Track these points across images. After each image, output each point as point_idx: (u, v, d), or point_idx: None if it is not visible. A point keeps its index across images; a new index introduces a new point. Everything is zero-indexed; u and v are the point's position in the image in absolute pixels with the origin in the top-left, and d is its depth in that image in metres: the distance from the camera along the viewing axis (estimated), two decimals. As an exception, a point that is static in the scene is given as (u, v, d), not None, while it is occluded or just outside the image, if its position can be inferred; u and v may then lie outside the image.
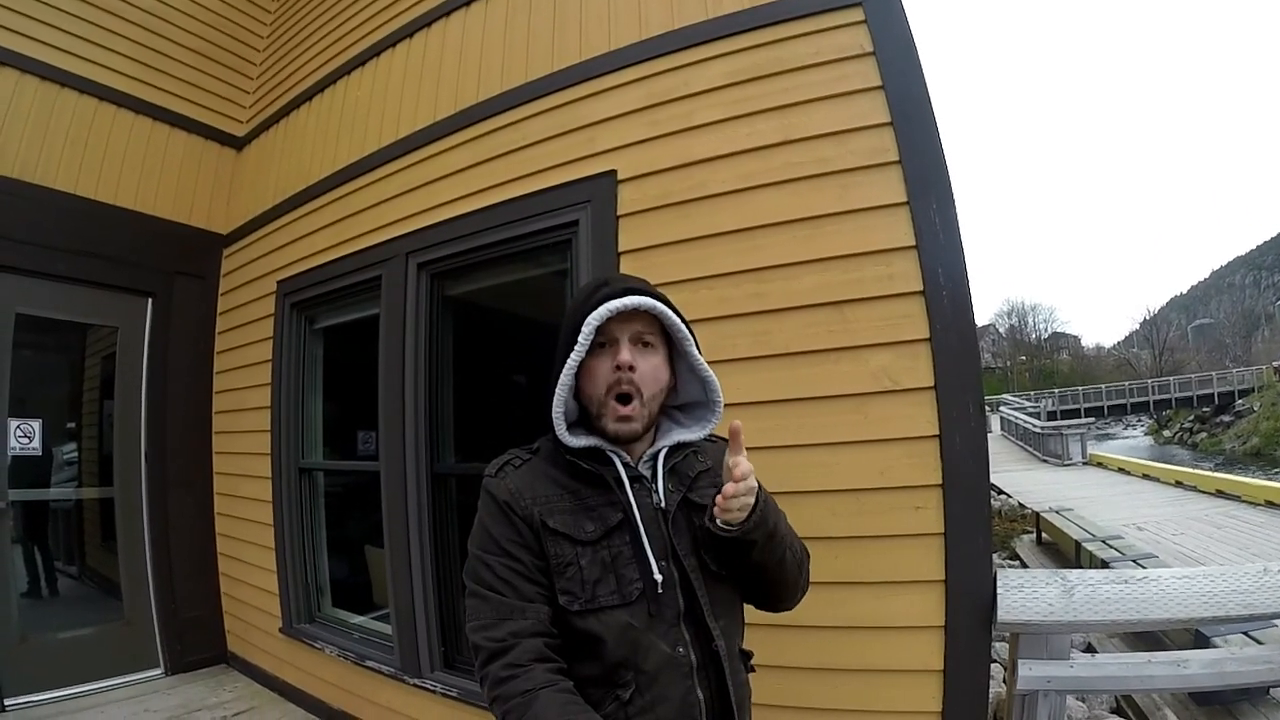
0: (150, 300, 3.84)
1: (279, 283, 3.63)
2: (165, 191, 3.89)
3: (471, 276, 2.88)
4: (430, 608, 2.73)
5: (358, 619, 3.34)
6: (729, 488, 0.96)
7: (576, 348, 1.02)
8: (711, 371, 1.13)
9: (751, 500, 0.99)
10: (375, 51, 3.38)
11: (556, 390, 1.04)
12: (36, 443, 3.40)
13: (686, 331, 1.09)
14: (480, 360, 3.25)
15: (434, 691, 2.63)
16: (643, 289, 1.07)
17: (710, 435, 1.17)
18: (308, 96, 3.76)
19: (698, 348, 1.12)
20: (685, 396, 1.18)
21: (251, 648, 3.72)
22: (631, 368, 1.04)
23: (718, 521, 1.01)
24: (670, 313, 1.07)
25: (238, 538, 3.83)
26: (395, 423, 2.85)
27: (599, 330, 1.03)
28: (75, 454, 3.67)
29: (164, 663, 3.65)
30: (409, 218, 2.94)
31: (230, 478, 3.93)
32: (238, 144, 4.24)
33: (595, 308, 1.02)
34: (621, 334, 1.05)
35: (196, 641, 3.79)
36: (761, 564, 1.06)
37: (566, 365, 1.03)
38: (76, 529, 3.71)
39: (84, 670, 3.36)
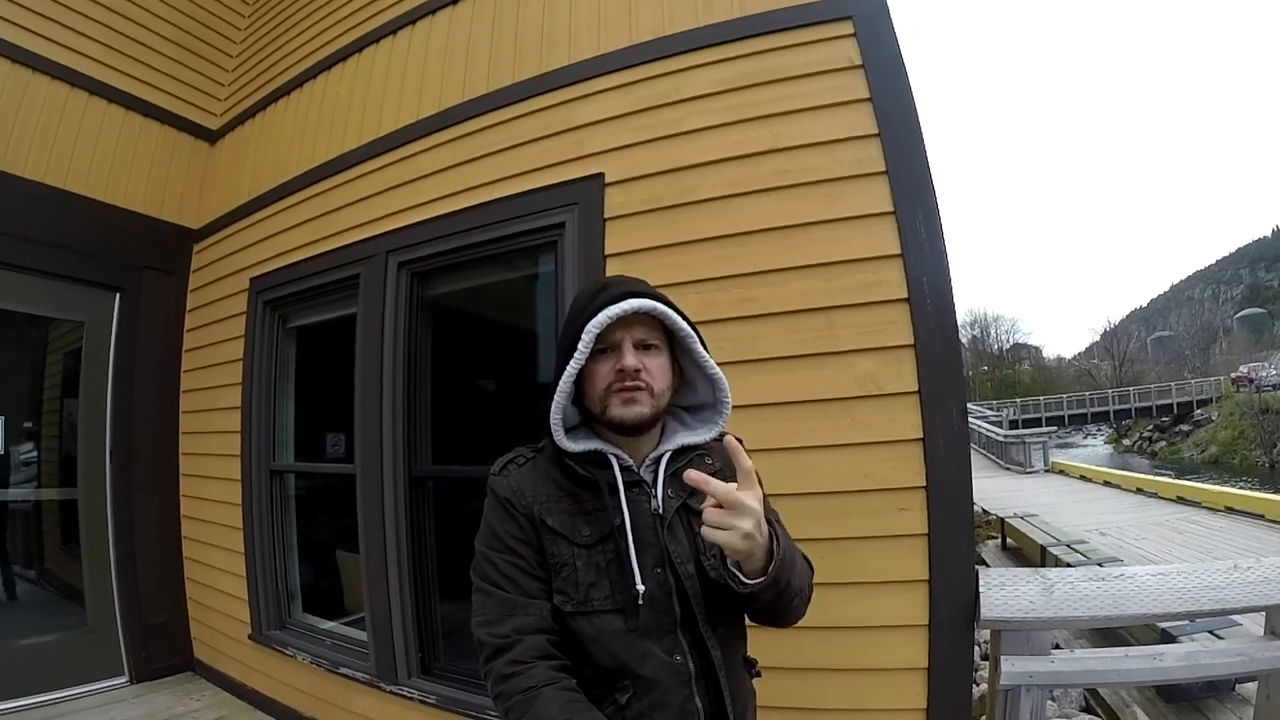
0: (118, 295, 3.72)
1: (252, 280, 3.55)
2: (136, 183, 3.79)
3: (454, 277, 2.85)
4: (407, 612, 2.69)
5: (329, 624, 3.27)
6: (711, 514, 0.88)
7: (576, 355, 1.00)
8: (719, 370, 1.10)
9: (743, 531, 0.87)
10: (358, 47, 3.33)
11: (555, 397, 1.02)
12: (-1, 441, 3.27)
13: (690, 329, 1.07)
14: (461, 362, 3.22)
15: (411, 698, 2.59)
16: (643, 291, 1.04)
17: (722, 434, 1.14)
18: (286, 90, 3.69)
19: (703, 346, 1.09)
20: (694, 398, 1.15)
21: (219, 655, 3.61)
22: (637, 370, 1.02)
23: (737, 574, 0.94)
24: (672, 312, 1.05)
25: (205, 541, 3.72)
26: (372, 424, 2.81)
27: (600, 336, 1.01)
28: (34, 454, 3.52)
29: (129, 671, 3.52)
30: (390, 216, 2.90)
31: (198, 480, 3.82)
32: (211, 137, 4.14)
33: (595, 314, 0.99)
34: (624, 338, 1.03)
35: (162, 649, 3.67)
36: (765, 610, 1.02)
37: (565, 372, 1.01)
38: (35, 532, 3.57)
39: (45, 679, 3.23)
